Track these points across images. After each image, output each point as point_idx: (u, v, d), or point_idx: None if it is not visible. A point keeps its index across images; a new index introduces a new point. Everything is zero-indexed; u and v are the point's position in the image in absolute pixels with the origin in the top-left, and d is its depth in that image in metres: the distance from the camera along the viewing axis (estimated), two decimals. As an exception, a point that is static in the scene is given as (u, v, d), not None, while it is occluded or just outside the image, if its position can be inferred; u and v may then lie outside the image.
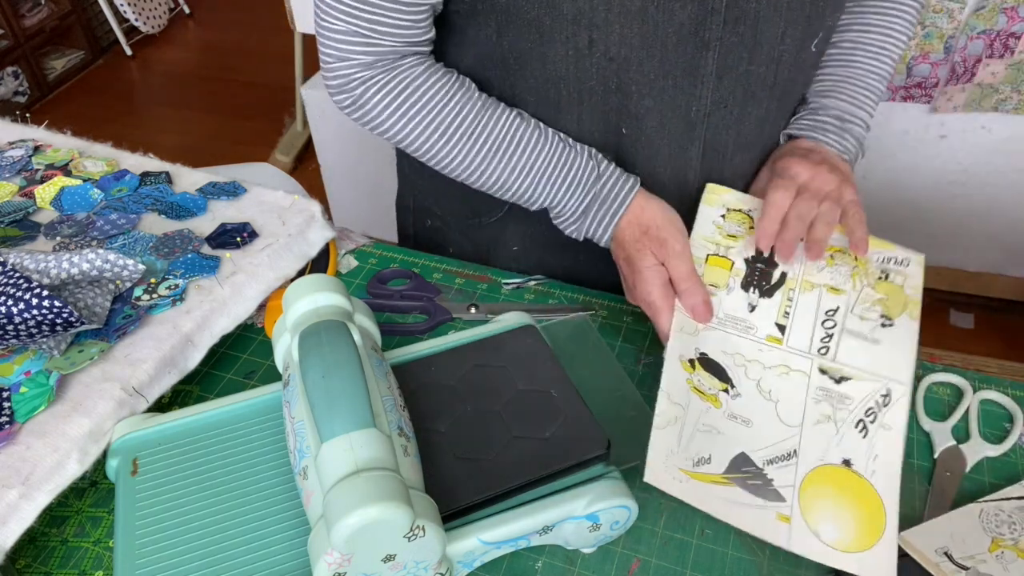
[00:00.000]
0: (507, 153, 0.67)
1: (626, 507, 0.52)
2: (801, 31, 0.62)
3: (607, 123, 0.66)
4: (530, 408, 0.55)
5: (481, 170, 0.68)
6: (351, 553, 0.42)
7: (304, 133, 2.63)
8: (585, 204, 0.67)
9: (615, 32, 0.59)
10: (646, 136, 0.66)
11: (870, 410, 0.59)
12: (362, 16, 0.62)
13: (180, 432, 0.55)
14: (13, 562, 0.54)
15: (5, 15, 2.75)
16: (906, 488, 0.59)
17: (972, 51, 1.55)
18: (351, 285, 0.78)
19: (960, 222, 1.86)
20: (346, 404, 0.46)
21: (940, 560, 0.52)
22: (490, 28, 0.63)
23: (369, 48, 0.64)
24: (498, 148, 0.66)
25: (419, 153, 0.69)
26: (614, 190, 0.66)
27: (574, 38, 0.60)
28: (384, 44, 0.64)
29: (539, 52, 0.62)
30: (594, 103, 0.65)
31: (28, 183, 0.80)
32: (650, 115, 0.64)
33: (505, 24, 0.62)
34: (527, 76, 0.65)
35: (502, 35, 0.63)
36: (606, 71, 0.62)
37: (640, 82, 0.62)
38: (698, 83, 0.62)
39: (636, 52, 0.60)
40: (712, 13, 0.58)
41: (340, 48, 0.64)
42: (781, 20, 0.60)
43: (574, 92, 0.64)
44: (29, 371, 0.58)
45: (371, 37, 0.63)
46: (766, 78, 0.64)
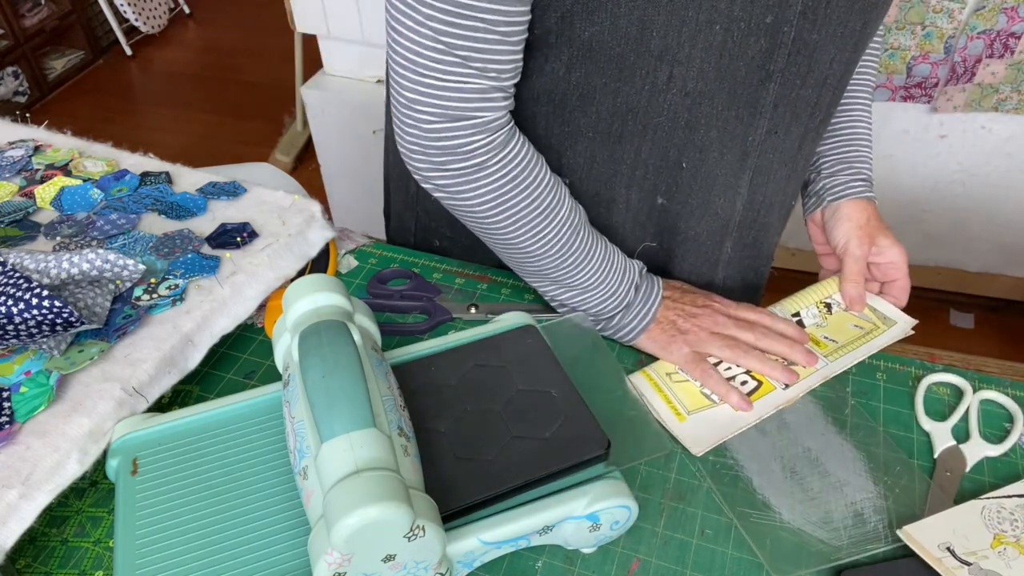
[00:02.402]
0: (560, 258, 0.66)
1: (626, 507, 0.52)
2: (848, 56, 0.63)
3: (666, 157, 0.65)
4: (530, 408, 0.55)
5: (521, 261, 0.68)
6: (351, 553, 0.42)
7: (304, 133, 2.63)
8: (623, 307, 0.70)
9: (695, 67, 0.58)
10: (706, 168, 0.66)
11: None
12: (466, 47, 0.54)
13: (180, 432, 0.55)
14: (13, 562, 0.54)
15: (5, 15, 2.75)
16: (906, 488, 0.59)
17: (972, 51, 1.55)
18: (351, 285, 0.78)
19: (960, 222, 1.86)
20: (346, 404, 0.46)
21: (943, 555, 0.52)
22: (559, 62, 0.60)
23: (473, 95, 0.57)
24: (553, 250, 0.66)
25: (476, 227, 0.66)
26: (649, 275, 0.72)
27: (654, 73, 0.59)
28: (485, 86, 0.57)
29: (613, 87, 0.60)
30: (659, 137, 0.64)
31: (28, 183, 0.80)
32: (712, 147, 0.64)
33: (580, 59, 0.59)
34: (591, 111, 0.63)
35: (572, 69, 0.60)
36: (679, 106, 0.61)
37: (709, 115, 0.62)
38: (756, 114, 0.62)
39: (710, 86, 0.59)
40: (780, 47, 0.58)
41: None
42: (834, 48, 0.60)
43: (639, 126, 0.63)
44: (29, 371, 0.58)
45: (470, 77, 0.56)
46: (810, 99, 0.64)
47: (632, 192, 0.69)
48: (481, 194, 0.61)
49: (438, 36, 0.53)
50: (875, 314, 0.74)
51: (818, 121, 0.67)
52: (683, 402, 0.66)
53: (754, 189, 0.69)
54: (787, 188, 0.73)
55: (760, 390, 0.66)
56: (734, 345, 0.67)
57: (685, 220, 0.70)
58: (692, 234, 0.72)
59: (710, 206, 0.69)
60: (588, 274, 0.67)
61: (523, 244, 0.65)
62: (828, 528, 0.56)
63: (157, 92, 3.07)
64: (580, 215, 0.67)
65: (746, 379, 0.67)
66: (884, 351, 0.70)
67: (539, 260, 0.66)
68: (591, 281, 0.68)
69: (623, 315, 0.69)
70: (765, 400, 0.66)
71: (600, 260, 0.68)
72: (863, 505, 0.57)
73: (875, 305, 0.75)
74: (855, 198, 0.77)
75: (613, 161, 0.67)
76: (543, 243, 0.65)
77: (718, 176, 0.67)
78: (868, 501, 0.58)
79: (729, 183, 0.68)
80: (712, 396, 0.66)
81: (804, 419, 0.64)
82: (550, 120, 0.66)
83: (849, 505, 0.57)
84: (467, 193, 0.61)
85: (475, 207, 0.62)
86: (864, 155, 0.79)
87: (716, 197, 0.69)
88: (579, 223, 0.67)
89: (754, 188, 0.69)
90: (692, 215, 0.70)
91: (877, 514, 0.57)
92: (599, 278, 0.68)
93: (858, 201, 0.77)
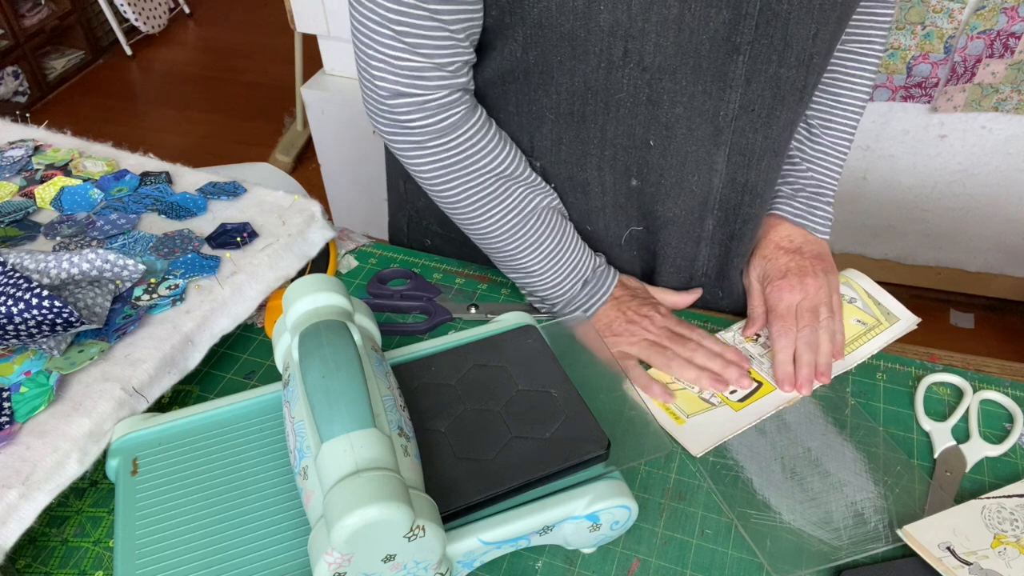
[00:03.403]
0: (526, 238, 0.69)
1: (626, 507, 0.52)
2: (832, 32, 0.61)
3: (632, 134, 0.65)
4: (530, 408, 0.55)
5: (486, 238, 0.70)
6: (351, 553, 0.42)
7: (304, 133, 2.63)
8: (565, 299, 0.73)
9: (650, 41, 0.57)
10: (675, 145, 0.65)
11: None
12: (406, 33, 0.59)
13: (180, 432, 0.55)
14: (13, 562, 0.54)
15: (5, 15, 2.75)
16: (907, 488, 0.59)
17: (972, 51, 1.55)
18: (351, 285, 0.78)
19: (960, 222, 1.86)
20: (346, 404, 0.46)
21: (943, 555, 0.52)
22: (515, 43, 0.61)
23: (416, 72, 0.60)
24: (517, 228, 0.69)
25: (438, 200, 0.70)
26: (604, 272, 0.74)
27: (608, 50, 0.58)
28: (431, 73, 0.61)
29: (569, 65, 0.61)
30: (622, 115, 0.63)
31: (28, 183, 0.80)
32: (679, 123, 0.63)
33: (533, 38, 0.60)
34: (551, 90, 0.64)
35: (528, 49, 0.61)
36: (638, 81, 0.60)
37: (672, 91, 0.61)
38: (727, 88, 0.61)
39: (670, 60, 0.59)
40: (745, 17, 0.57)
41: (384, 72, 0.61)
42: (812, 21, 0.59)
43: (601, 104, 0.63)
44: (29, 371, 0.58)
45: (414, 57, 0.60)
46: (796, 81, 0.62)
47: (605, 174, 0.69)
48: (425, 168, 0.66)
49: (376, 10, 0.57)
50: (879, 309, 0.74)
51: (805, 107, 0.66)
52: (681, 407, 0.66)
53: (734, 169, 0.68)
54: (775, 177, 0.73)
55: (760, 391, 0.67)
56: (660, 352, 0.69)
57: (662, 201, 0.69)
58: (671, 215, 0.71)
59: (684, 184, 0.68)
60: (532, 263, 0.70)
61: (467, 219, 0.69)
62: (828, 528, 0.56)
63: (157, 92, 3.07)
64: (534, 206, 0.69)
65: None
66: (884, 351, 0.70)
67: (483, 239, 0.71)
68: (534, 269, 0.71)
69: (565, 306, 0.73)
70: (765, 400, 0.66)
71: (547, 252, 0.70)
72: (863, 505, 0.57)
73: (879, 299, 0.75)
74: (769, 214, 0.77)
75: (580, 142, 0.67)
76: (484, 225, 0.69)
77: (689, 152, 0.66)
78: (868, 501, 0.58)
79: (702, 159, 0.67)
80: (712, 399, 0.66)
81: (804, 419, 0.64)
82: (516, 101, 0.67)
83: (849, 505, 0.57)
84: (412, 164, 0.66)
85: (421, 177, 0.67)
86: (822, 170, 0.78)
87: (689, 174, 0.68)
88: (529, 213, 0.68)
89: (733, 167, 0.68)
90: (668, 195, 0.69)
91: (877, 514, 0.57)
92: (543, 268, 0.71)
93: (768, 218, 0.77)
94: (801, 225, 0.76)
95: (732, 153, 0.67)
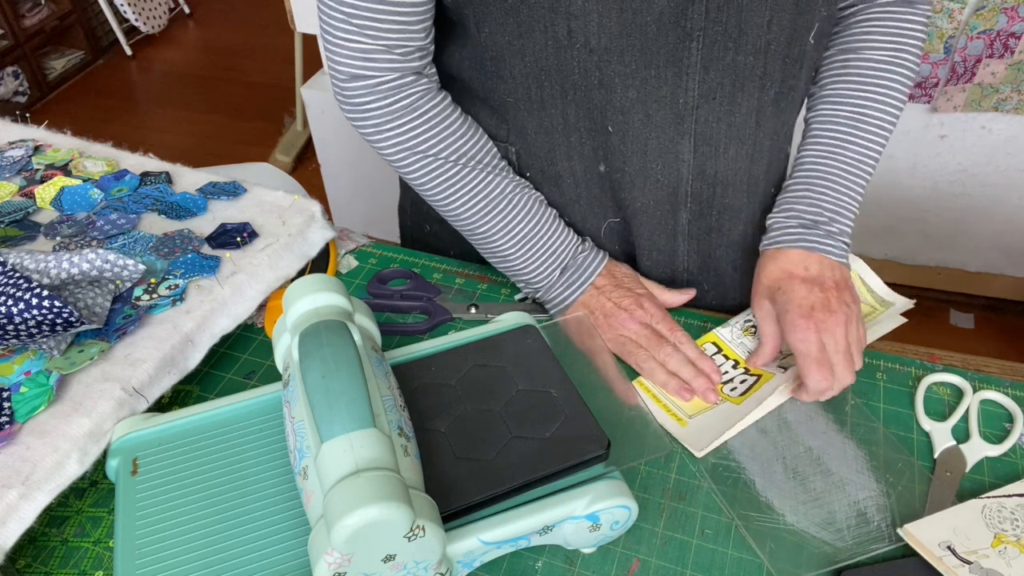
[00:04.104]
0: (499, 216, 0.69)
1: (626, 507, 0.52)
2: (790, 20, 0.61)
3: (592, 119, 0.65)
4: (530, 408, 0.55)
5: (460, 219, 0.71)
6: (351, 553, 0.42)
7: (304, 133, 2.63)
8: (545, 285, 0.72)
9: (593, 21, 0.58)
10: (633, 130, 0.65)
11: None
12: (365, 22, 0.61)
13: (180, 432, 0.55)
14: (13, 562, 0.54)
15: (5, 15, 2.75)
16: (907, 486, 0.59)
17: (972, 51, 1.55)
18: (351, 285, 0.78)
19: (960, 222, 1.86)
20: (346, 404, 0.46)
21: (943, 554, 0.52)
22: (470, 22, 0.62)
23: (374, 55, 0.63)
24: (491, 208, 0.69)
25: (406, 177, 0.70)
26: (588, 258, 0.72)
27: (552, 28, 0.59)
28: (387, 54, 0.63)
29: (519, 45, 0.61)
30: (578, 98, 0.64)
31: (28, 183, 0.79)
32: (635, 108, 0.63)
33: (483, 15, 0.61)
34: (506, 74, 0.64)
35: (480, 28, 0.62)
36: (587, 63, 0.61)
37: (623, 74, 0.61)
38: (683, 74, 0.61)
39: (616, 42, 0.59)
40: (694, 2, 0.57)
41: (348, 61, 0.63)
42: (766, 9, 0.59)
43: (557, 86, 0.63)
44: (29, 371, 0.58)
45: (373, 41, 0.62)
46: (755, 68, 0.62)
47: (575, 163, 0.69)
48: (388, 152, 0.68)
49: None
50: (872, 296, 0.73)
51: (773, 94, 0.65)
52: (682, 407, 0.66)
53: (702, 159, 0.68)
54: (752, 169, 0.71)
55: (759, 383, 0.66)
56: (633, 352, 0.68)
57: (628, 189, 0.69)
58: (640, 204, 0.71)
59: (650, 172, 0.68)
60: (505, 247, 0.71)
61: (436, 203, 0.71)
62: (832, 529, 0.56)
63: (157, 92, 3.07)
64: (502, 190, 0.69)
65: (744, 377, 0.67)
66: (883, 351, 0.70)
67: (456, 222, 0.72)
68: (508, 254, 0.71)
69: (546, 292, 0.72)
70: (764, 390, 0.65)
71: (520, 237, 0.70)
72: (866, 504, 0.57)
73: (871, 284, 0.74)
74: (776, 247, 0.69)
75: (545, 130, 0.68)
76: (453, 209, 0.70)
77: (650, 139, 0.66)
78: (871, 500, 0.57)
79: (665, 147, 0.66)
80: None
81: (805, 418, 0.64)
82: (482, 87, 0.68)
83: (852, 505, 0.57)
84: (376, 147, 0.68)
85: (387, 159, 0.69)
86: (810, 196, 0.70)
87: (652, 162, 0.67)
88: (497, 198, 0.69)
89: (701, 158, 0.68)
90: (634, 183, 0.69)
91: (880, 513, 0.57)
92: (517, 253, 0.71)
93: (778, 251, 0.69)
94: (817, 251, 0.68)
95: (698, 143, 0.66)
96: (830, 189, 0.70)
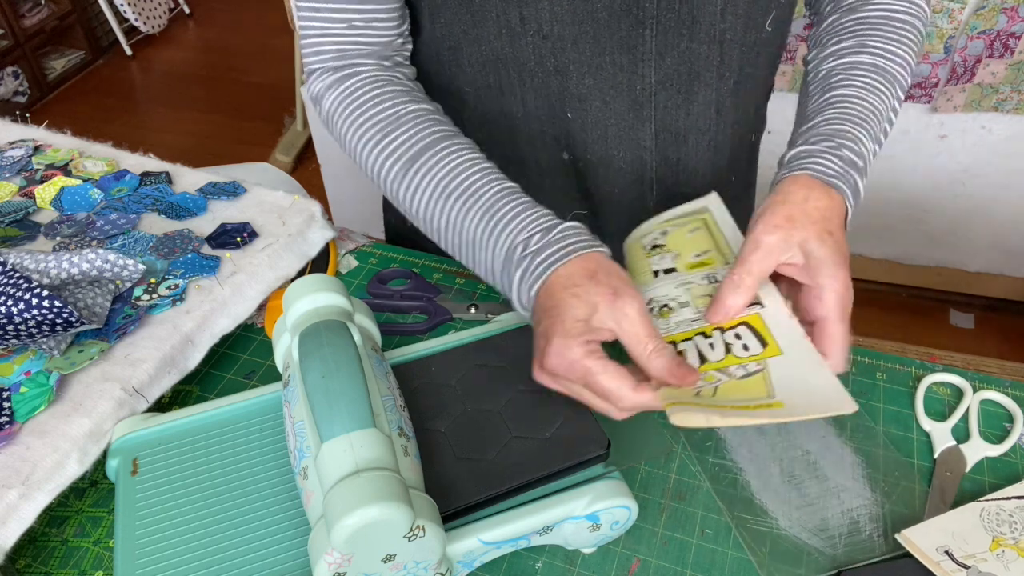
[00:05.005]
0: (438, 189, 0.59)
1: (626, 507, 0.52)
2: (745, 8, 0.60)
3: (552, 107, 0.65)
4: (530, 408, 0.55)
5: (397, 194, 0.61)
6: (351, 553, 0.42)
7: (304, 133, 2.63)
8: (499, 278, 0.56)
9: (545, 8, 0.58)
10: (592, 118, 0.65)
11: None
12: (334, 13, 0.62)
13: (180, 432, 0.55)
14: (13, 562, 0.54)
15: (5, 15, 2.75)
16: (906, 488, 0.59)
17: (972, 51, 1.55)
18: (351, 285, 0.78)
19: (960, 222, 1.86)
20: (346, 404, 0.46)
21: (941, 559, 0.52)
22: (425, 14, 0.63)
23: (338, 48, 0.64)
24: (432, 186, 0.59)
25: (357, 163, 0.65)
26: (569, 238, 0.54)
27: (505, 15, 0.59)
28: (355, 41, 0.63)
29: (474, 34, 0.62)
30: (536, 85, 0.64)
31: (28, 183, 0.80)
32: (592, 95, 0.64)
33: (437, 5, 0.61)
34: (464, 62, 0.65)
35: (435, 19, 0.63)
36: (542, 50, 0.61)
37: (578, 61, 0.61)
38: (638, 61, 0.61)
39: (569, 29, 0.59)
40: None
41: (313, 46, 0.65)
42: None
43: (514, 74, 0.64)
44: (29, 371, 0.58)
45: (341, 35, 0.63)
46: (710, 58, 0.62)
47: (538, 151, 0.69)
48: (332, 122, 0.65)
49: None
50: (722, 241, 0.57)
51: (732, 84, 0.65)
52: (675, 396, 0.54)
53: (664, 147, 0.68)
54: (715, 159, 0.70)
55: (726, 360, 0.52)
56: (554, 381, 0.51)
57: (592, 177, 0.69)
58: (606, 192, 0.70)
59: (612, 159, 0.68)
60: (430, 214, 0.59)
61: (368, 174, 0.64)
62: (824, 536, 0.56)
63: (157, 92, 3.07)
64: (433, 140, 0.59)
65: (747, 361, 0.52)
66: (883, 351, 0.70)
67: (390, 196, 0.63)
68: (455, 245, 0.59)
69: (503, 287, 0.56)
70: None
71: (463, 230, 0.57)
72: (859, 512, 0.57)
73: (724, 230, 0.58)
74: (798, 173, 0.54)
75: (506, 117, 0.67)
76: (376, 173, 0.62)
77: (610, 126, 0.66)
78: (864, 508, 0.57)
79: (626, 134, 0.66)
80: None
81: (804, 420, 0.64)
82: (440, 78, 0.68)
83: (845, 512, 0.57)
84: (324, 116, 0.67)
85: (333, 132, 0.66)
86: (838, 128, 0.56)
87: (614, 149, 0.67)
88: (423, 149, 0.59)
89: (663, 145, 0.67)
90: (597, 171, 0.69)
91: (873, 522, 0.56)
92: (467, 242, 0.58)
93: (800, 178, 0.53)
94: (837, 190, 0.53)
95: (659, 130, 0.66)
96: (863, 135, 0.56)
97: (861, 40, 0.61)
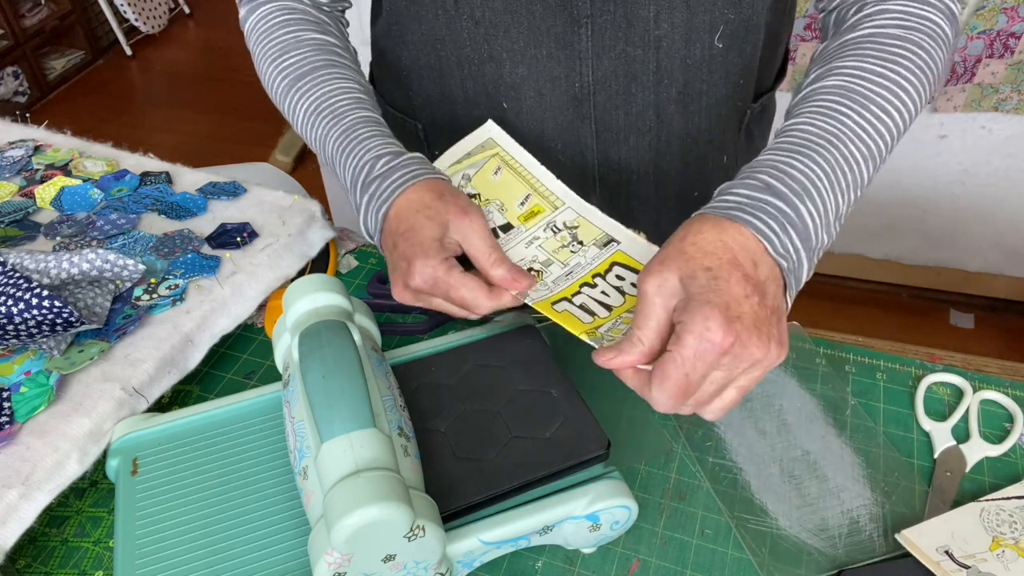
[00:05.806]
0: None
1: (626, 507, 0.52)
2: (683, 18, 0.60)
3: (489, 94, 0.66)
4: (530, 408, 0.55)
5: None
6: (351, 553, 0.42)
7: (304, 133, 2.63)
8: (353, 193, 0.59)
9: None
10: (527, 108, 0.66)
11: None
12: None
13: (180, 432, 0.55)
14: (13, 562, 0.54)
15: (5, 15, 2.75)
16: (906, 488, 0.59)
17: (972, 51, 1.55)
18: (351, 285, 0.78)
19: (960, 222, 1.86)
20: (346, 404, 0.46)
21: (941, 559, 0.52)
22: None
23: None
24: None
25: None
26: (412, 167, 0.57)
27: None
28: None
29: (414, 11, 0.64)
30: (473, 71, 0.65)
31: (28, 183, 0.80)
32: (526, 85, 0.64)
33: None
34: (408, 39, 0.67)
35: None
36: (475, 35, 0.62)
37: (511, 50, 0.62)
38: (576, 59, 0.62)
39: (501, 17, 0.61)
40: None
41: None
42: (651, 2, 0.59)
43: (453, 57, 0.65)
44: (29, 371, 0.58)
45: None
46: (647, 62, 0.62)
47: None
48: (254, 61, 0.68)
49: None
50: (524, 180, 0.61)
51: (674, 93, 0.64)
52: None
53: (605, 145, 0.68)
54: (659, 162, 0.70)
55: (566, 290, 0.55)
56: (416, 298, 0.55)
57: None
58: None
59: (550, 153, 0.68)
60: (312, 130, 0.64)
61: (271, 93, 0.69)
62: (824, 536, 0.56)
63: (157, 92, 3.07)
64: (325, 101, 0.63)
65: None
66: (883, 351, 0.70)
67: (294, 127, 0.69)
68: (323, 161, 0.64)
69: (353, 207, 0.59)
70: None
71: (325, 148, 0.62)
72: (859, 513, 0.57)
73: (519, 159, 0.62)
74: (695, 215, 0.49)
75: (447, 100, 0.69)
76: (286, 111, 0.68)
77: (546, 119, 0.66)
78: (864, 509, 0.57)
79: (564, 129, 0.67)
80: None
81: (804, 420, 0.64)
82: (392, 54, 0.70)
83: (845, 512, 0.57)
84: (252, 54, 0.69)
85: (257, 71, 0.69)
86: (762, 159, 0.50)
87: (551, 142, 0.68)
88: (320, 107, 0.62)
89: (605, 144, 0.68)
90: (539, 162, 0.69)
91: (873, 522, 0.57)
92: (329, 159, 0.62)
93: (694, 219, 0.48)
94: (772, 244, 0.46)
95: (599, 128, 0.67)
96: (796, 159, 0.49)
97: (831, 65, 0.55)
